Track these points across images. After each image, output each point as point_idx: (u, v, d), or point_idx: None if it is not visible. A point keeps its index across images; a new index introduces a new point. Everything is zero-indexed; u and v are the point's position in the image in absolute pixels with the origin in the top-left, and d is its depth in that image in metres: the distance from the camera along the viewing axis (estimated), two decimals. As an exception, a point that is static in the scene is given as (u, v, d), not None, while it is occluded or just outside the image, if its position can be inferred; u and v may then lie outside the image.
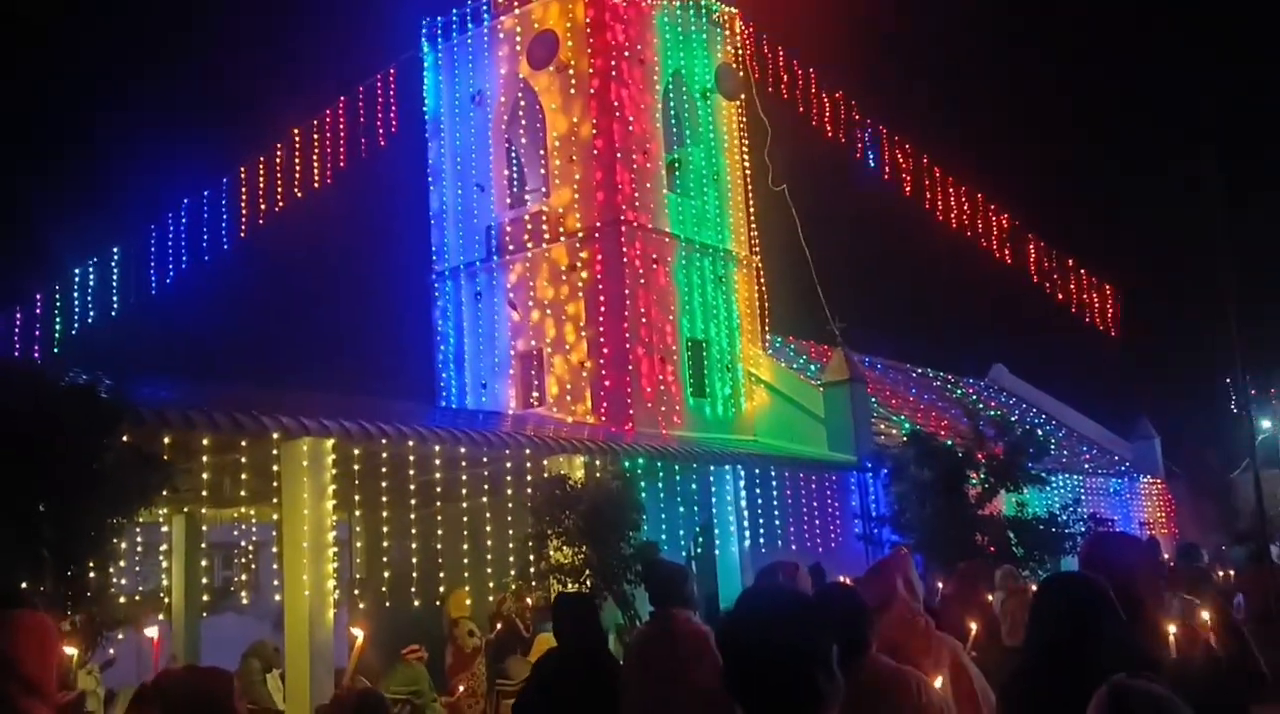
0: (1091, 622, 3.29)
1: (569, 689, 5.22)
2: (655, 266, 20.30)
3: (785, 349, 25.88)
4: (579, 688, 5.18)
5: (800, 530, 18.43)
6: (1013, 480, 18.46)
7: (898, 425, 23.48)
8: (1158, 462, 32.40)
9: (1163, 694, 2.38)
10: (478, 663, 13.13)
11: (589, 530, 12.41)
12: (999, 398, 33.81)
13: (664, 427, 19.25)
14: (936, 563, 15.71)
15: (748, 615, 2.27)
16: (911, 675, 3.70)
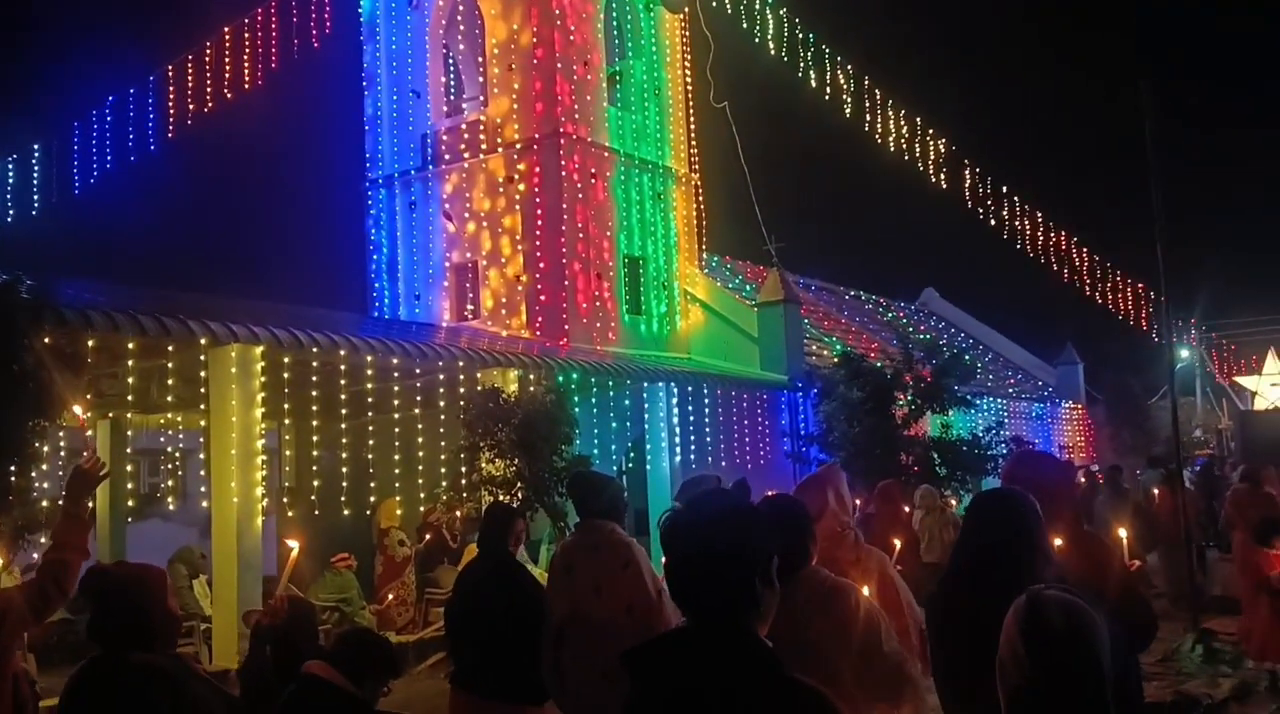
0: (1025, 531, 3.38)
1: (491, 597, 5.27)
2: (594, 181, 20.12)
3: (721, 268, 25.92)
4: (501, 596, 5.24)
5: (730, 447, 18.66)
6: (939, 402, 18.82)
7: (829, 346, 23.75)
8: (1080, 387, 33.24)
9: (1077, 604, 2.46)
10: (407, 572, 13.23)
11: (521, 443, 12.44)
12: (929, 322, 34.31)
13: (599, 342, 19.27)
14: (861, 481, 16.03)
15: (691, 518, 2.29)
16: (850, 588, 3.78)
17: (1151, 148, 10.99)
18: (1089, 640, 2.40)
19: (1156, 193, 10.95)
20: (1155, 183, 10.96)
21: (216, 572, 11.12)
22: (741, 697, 1.97)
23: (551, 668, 5.01)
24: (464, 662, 5.44)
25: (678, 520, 2.28)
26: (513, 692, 5.11)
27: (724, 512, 2.29)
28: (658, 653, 2.13)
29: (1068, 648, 2.37)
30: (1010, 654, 2.44)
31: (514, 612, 5.17)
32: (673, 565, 2.20)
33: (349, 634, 4.52)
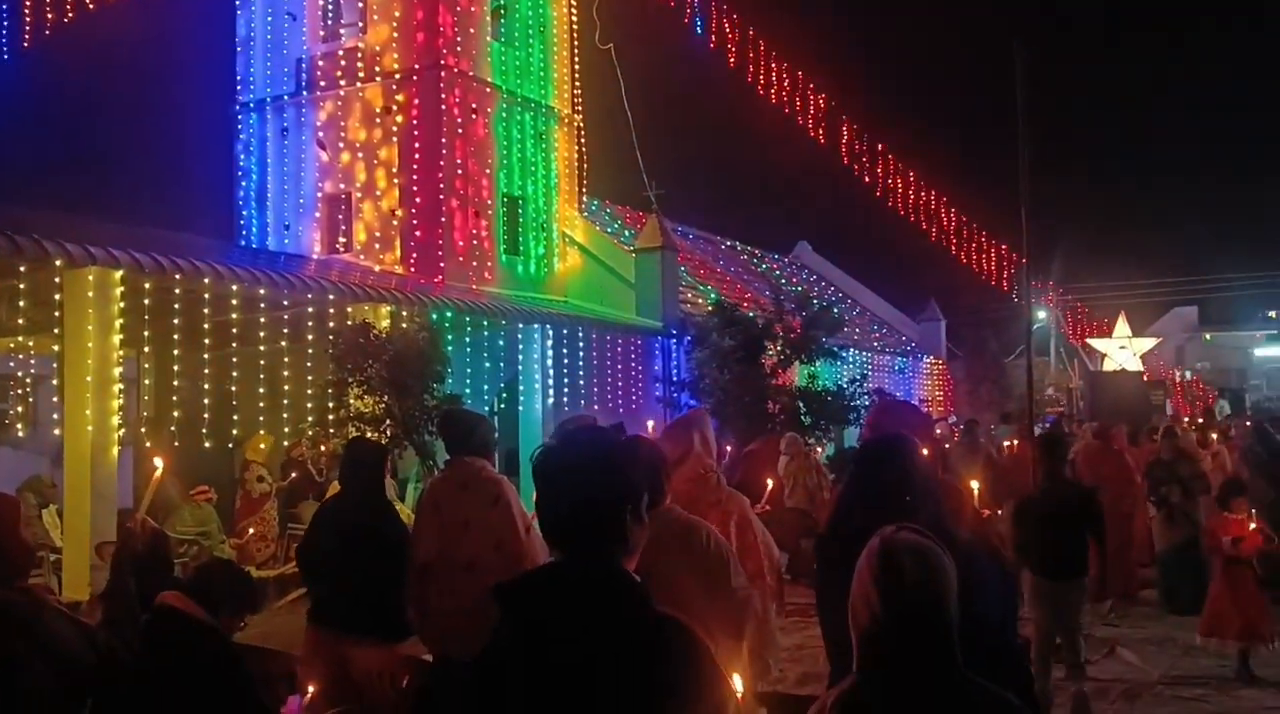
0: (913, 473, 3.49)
1: (356, 533, 5.21)
2: (474, 116, 19.76)
3: (601, 212, 25.84)
4: (366, 532, 5.18)
5: (604, 391, 18.76)
6: (807, 353, 19.22)
7: (704, 295, 23.97)
8: (941, 343, 34.30)
9: (929, 546, 2.53)
10: (267, 507, 12.98)
11: (392, 380, 12.28)
12: (801, 274, 34.88)
13: (475, 282, 19.06)
14: (730, 427, 16.31)
15: (565, 453, 2.30)
16: (701, 525, 3.85)
17: (1021, 112, 11.30)
18: (939, 583, 2.46)
19: (1023, 158, 11.28)
20: (1022, 148, 11.28)
21: (68, 502, 10.75)
22: (611, 631, 2.01)
23: (416, 604, 5.00)
24: (323, 597, 5.37)
25: (552, 455, 2.29)
26: (374, 628, 5.08)
27: (598, 447, 2.31)
28: (529, 587, 2.15)
29: (918, 590, 2.43)
30: (862, 596, 2.48)
31: (379, 548, 5.13)
32: (545, 500, 2.21)
33: (206, 565, 4.45)
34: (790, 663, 7.08)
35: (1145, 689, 7.64)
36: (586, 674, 1.96)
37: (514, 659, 2.04)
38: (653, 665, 1.95)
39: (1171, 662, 8.37)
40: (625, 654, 1.96)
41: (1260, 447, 10.99)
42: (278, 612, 10.91)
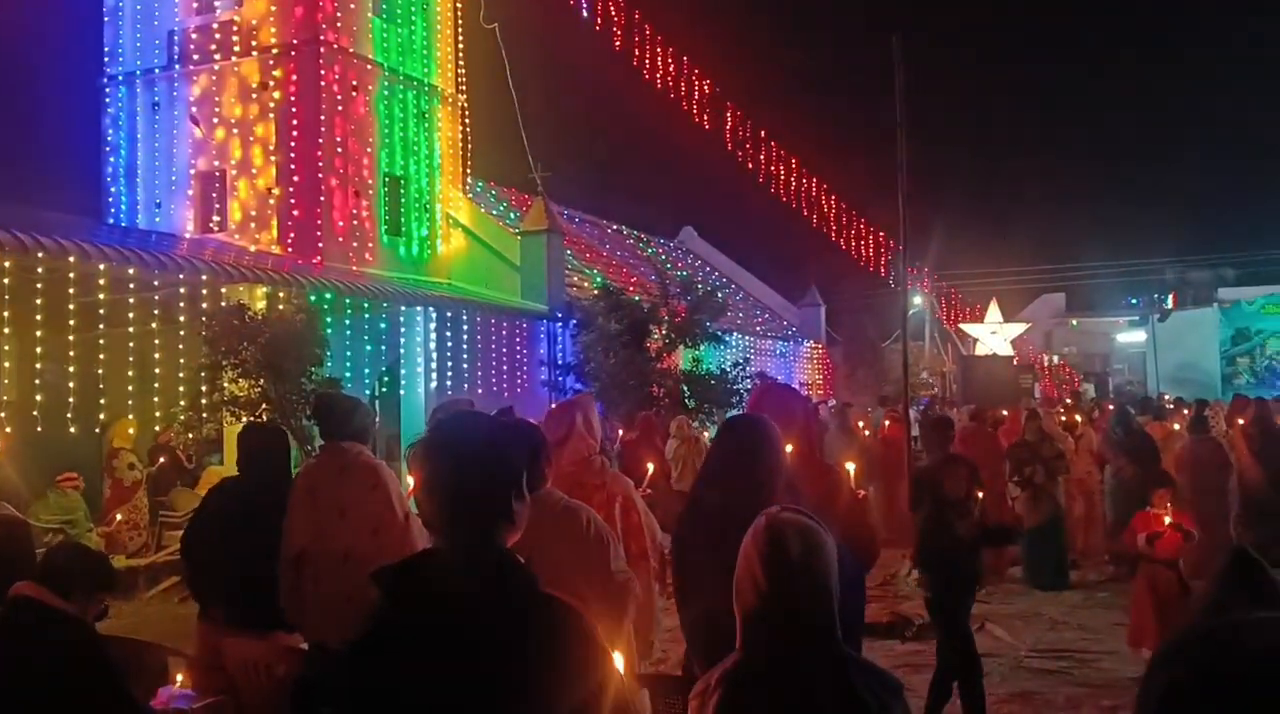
0: (768, 454, 3.53)
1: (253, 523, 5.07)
2: (355, 94, 19.34)
3: (486, 194, 25.61)
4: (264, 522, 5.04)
5: (488, 375, 18.62)
6: (691, 337, 19.40)
7: (590, 278, 23.96)
8: (821, 328, 34.94)
9: (812, 526, 2.58)
10: (138, 495, 12.57)
11: (268, 364, 11.99)
12: (686, 259, 35.13)
13: (355, 263, 18.69)
14: (615, 410, 16.37)
15: (447, 435, 2.27)
16: (582, 509, 3.85)
17: (900, 102, 11.56)
18: (823, 561, 2.51)
19: (901, 146, 11.54)
20: (901, 137, 11.55)
21: (-81, 490, 10.22)
22: (496, 611, 1.99)
23: (291, 593, 4.89)
24: (216, 589, 5.22)
25: (434, 438, 2.26)
26: (250, 617, 4.96)
27: (480, 429, 2.29)
28: (411, 570, 2.12)
29: (803, 569, 2.47)
30: (748, 574, 2.52)
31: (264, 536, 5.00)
32: (427, 485, 2.18)
33: (55, 548, 4.27)
34: (673, 643, 7.10)
35: (1013, 662, 7.92)
36: (471, 655, 1.94)
37: (395, 643, 2.00)
38: (538, 645, 1.94)
39: (1038, 635, 8.69)
40: (510, 634, 1.95)
41: (1120, 429, 11.46)
42: (149, 601, 10.58)
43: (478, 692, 1.92)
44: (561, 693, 1.90)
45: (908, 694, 6.97)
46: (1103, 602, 9.88)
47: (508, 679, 1.91)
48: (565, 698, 1.90)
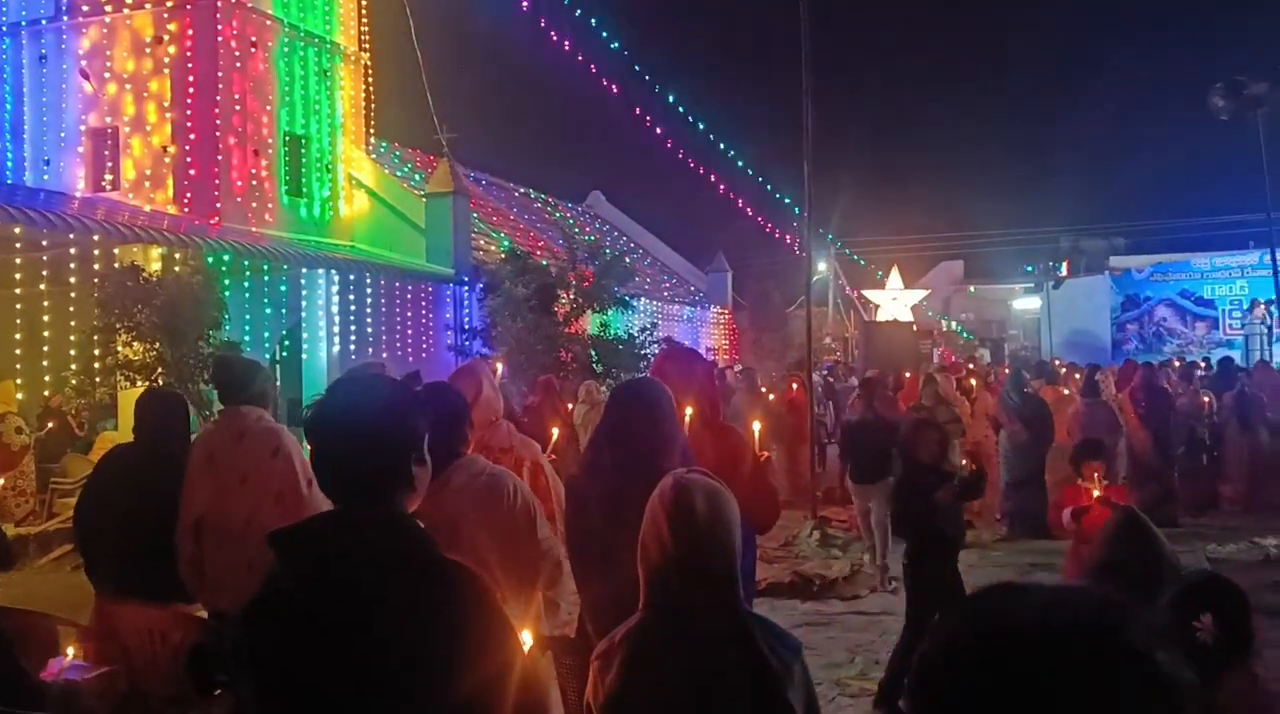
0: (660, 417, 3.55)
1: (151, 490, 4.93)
2: (253, 50, 18.79)
3: (390, 155, 25.19)
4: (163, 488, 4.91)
5: (392, 339, 18.40)
6: (599, 302, 19.39)
7: (497, 242, 23.76)
8: (727, 294, 35.20)
9: (717, 487, 2.61)
10: (25, 461, 12.17)
11: (164, 326, 11.68)
12: (594, 223, 35.04)
13: (254, 223, 18.25)
14: (523, 376, 16.31)
15: (343, 400, 2.24)
16: (507, 475, 3.83)
17: (806, 67, 11.64)
18: (727, 522, 2.55)
19: (806, 113, 11.64)
20: (806, 102, 11.64)
21: None
22: (394, 576, 1.97)
23: (190, 561, 4.79)
24: (110, 558, 5.07)
25: (329, 403, 2.23)
26: (145, 586, 4.84)
27: (376, 392, 2.27)
28: (308, 534, 2.09)
29: (709, 529, 2.51)
30: (654, 534, 2.54)
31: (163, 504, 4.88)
32: (323, 448, 2.15)
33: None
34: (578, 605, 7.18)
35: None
36: (370, 622, 1.93)
37: (292, 609, 1.98)
38: (438, 611, 1.93)
39: (934, 593, 8.92)
40: (410, 600, 1.94)
41: (1015, 393, 11.79)
42: (40, 570, 10.28)
43: (373, 658, 1.90)
44: (463, 661, 1.89)
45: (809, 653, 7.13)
46: (996, 560, 10.18)
47: (404, 646, 1.90)
48: (467, 668, 1.89)
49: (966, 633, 1.06)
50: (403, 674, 1.88)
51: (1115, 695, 1.00)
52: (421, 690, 1.87)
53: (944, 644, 1.08)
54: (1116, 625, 1.03)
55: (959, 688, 1.04)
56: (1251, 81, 20.45)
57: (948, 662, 1.06)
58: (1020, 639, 1.03)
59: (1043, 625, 1.03)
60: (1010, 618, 1.05)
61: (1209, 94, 21.33)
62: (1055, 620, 1.03)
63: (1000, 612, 1.07)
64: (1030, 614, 1.04)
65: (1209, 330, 31.75)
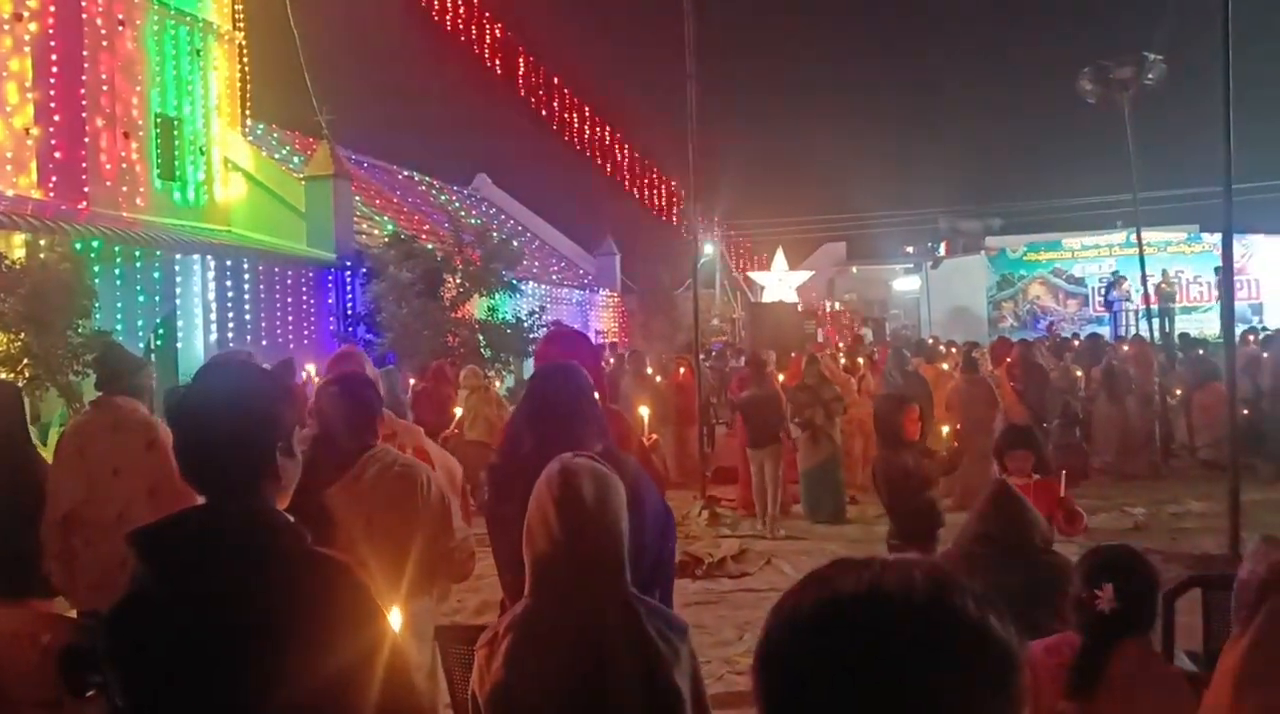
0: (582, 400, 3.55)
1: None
2: (121, 28, 18.08)
3: (267, 137, 24.55)
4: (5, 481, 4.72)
5: (273, 327, 17.97)
6: (487, 286, 19.25)
7: (380, 225, 23.38)
8: (616, 277, 35.24)
9: (604, 471, 2.62)
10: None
11: (30, 316, 11.21)
12: (480, 206, 34.71)
13: (125, 208, 17.59)
14: (409, 361, 16.12)
15: (204, 391, 2.17)
16: (421, 467, 3.78)
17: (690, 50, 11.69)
18: (614, 506, 2.55)
19: (691, 95, 11.70)
20: (691, 85, 11.70)
21: None
22: (261, 572, 1.92)
23: (59, 558, 4.62)
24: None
25: (190, 394, 2.16)
26: (8, 585, 4.66)
27: (240, 382, 2.20)
28: (171, 531, 2.02)
29: (596, 513, 2.51)
30: (540, 519, 2.53)
31: (20, 498, 4.69)
32: (185, 441, 2.09)
33: None
34: (468, 592, 7.14)
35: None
36: (237, 619, 1.87)
37: (154, 606, 1.92)
38: (303, 604, 1.89)
39: (820, 569, 9.10)
40: (273, 593, 1.89)
41: (897, 371, 12.08)
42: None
43: (239, 652, 1.86)
44: (328, 652, 1.85)
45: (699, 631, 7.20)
46: (879, 536, 10.38)
47: (270, 639, 1.85)
48: (332, 657, 1.85)
49: (807, 604, 1.10)
50: (268, 670, 1.84)
51: (948, 658, 1.04)
52: (287, 684, 1.83)
53: (786, 617, 1.11)
54: (946, 592, 1.07)
55: (801, 657, 1.07)
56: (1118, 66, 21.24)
57: (790, 633, 1.10)
58: (856, 607, 1.06)
59: (877, 594, 1.07)
60: (847, 588, 1.08)
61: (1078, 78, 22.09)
62: (889, 588, 1.07)
63: (839, 581, 1.10)
64: (867, 583, 1.08)
65: (1080, 307, 32.95)
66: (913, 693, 1.03)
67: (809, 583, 1.13)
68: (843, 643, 1.05)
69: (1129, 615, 2.87)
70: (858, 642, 1.05)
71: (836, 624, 1.06)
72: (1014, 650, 1.08)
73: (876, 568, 1.10)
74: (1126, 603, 2.85)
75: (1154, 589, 2.99)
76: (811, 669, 1.06)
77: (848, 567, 1.12)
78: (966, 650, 1.05)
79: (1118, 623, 2.84)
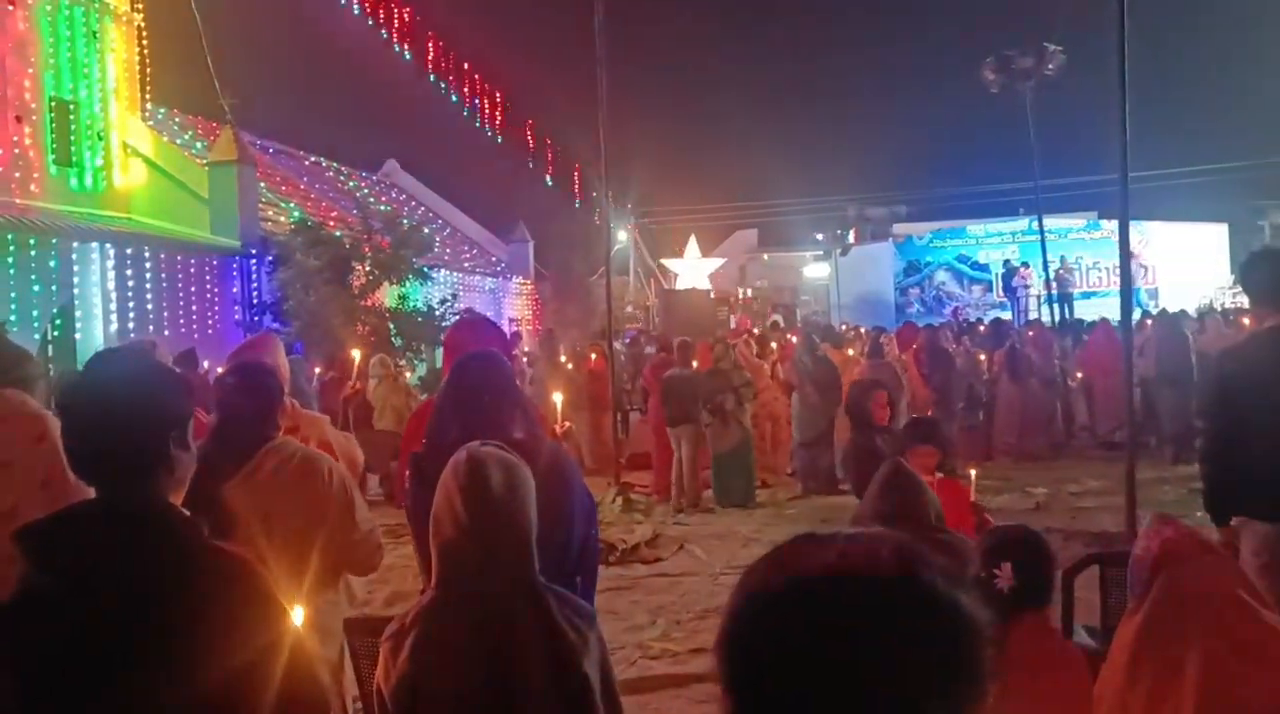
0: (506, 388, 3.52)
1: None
2: (11, 8, 17.40)
3: (169, 122, 23.91)
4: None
5: (175, 316, 17.54)
6: (397, 273, 19.01)
7: (287, 212, 22.93)
8: (529, 264, 35.06)
9: (511, 460, 2.60)
10: None
11: (-84, 306, 10.79)
12: (390, 193, 34.22)
13: (19, 195, 16.97)
14: (318, 351, 15.86)
15: (93, 381, 2.10)
16: (323, 458, 3.71)
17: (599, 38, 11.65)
18: (522, 495, 2.54)
19: (601, 82, 11.66)
20: (601, 70, 11.66)
21: None
22: (155, 567, 1.86)
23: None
24: None
25: (80, 383, 2.09)
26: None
27: (131, 371, 2.14)
28: (61, 527, 1.95)
29: (504, 502, 2.49)
30: (447, 509, 2.50)
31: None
32: (74, 432, 2.02)
33: None
34: (379, 583, 7.06)
35: (709, 579, 8.34)
36: (131, 616, 1.82)
37: (49, 607, 1.85)
38: (204, 602, 1.84)
39: (732, 553, 9.18)
40: (173, 592, 1.84)
41: (807, 357, 12.21)
42: None
43: (134, 651, 1.81)
44: (225, 649, 1.80)
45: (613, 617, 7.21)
46: (789, 518, 10.55)
47: (165, 637, 1.80)
48: (230, 654, 1.80)
49: (773, 582, 1.09)
50: (164, 668, 1.79)
51: (919, 635, 1.05)
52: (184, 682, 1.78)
53: (751, 595, 1.10)
54: (915, 569, 1.08)
55: (770, 635, 1.07)
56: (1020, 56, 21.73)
57: (757, 611, 1.09)
58: (825, 585, 1.06)
59: (846, 570, 1.07)
60: (815, 564, 1.08)
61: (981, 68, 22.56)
62: (857, 566, 1.07)
63: (805, 558, 1.10)
64: (833, 560, 1.08)
65: (984, 293, 33.67)
66: (883, 670, 1.03)
67: (774, 561, 1.13)
68: (813, 621, 1.05)
69: (1027, 592, 2.95)
70: (828, 620, 1.04)
71: (806, 602, 1.06)
72: (982, 626, 1.09)
73: (842, 544, 1.10)
74: (1024, 581, 2.94)
75: (1051, 567, 3.09)
76: (781, 647, 1.05)
77: (812, 543, 1.12)
78: (936, 628, 1.06)
79: (1016, 600, 2.92)
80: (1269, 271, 4.46)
